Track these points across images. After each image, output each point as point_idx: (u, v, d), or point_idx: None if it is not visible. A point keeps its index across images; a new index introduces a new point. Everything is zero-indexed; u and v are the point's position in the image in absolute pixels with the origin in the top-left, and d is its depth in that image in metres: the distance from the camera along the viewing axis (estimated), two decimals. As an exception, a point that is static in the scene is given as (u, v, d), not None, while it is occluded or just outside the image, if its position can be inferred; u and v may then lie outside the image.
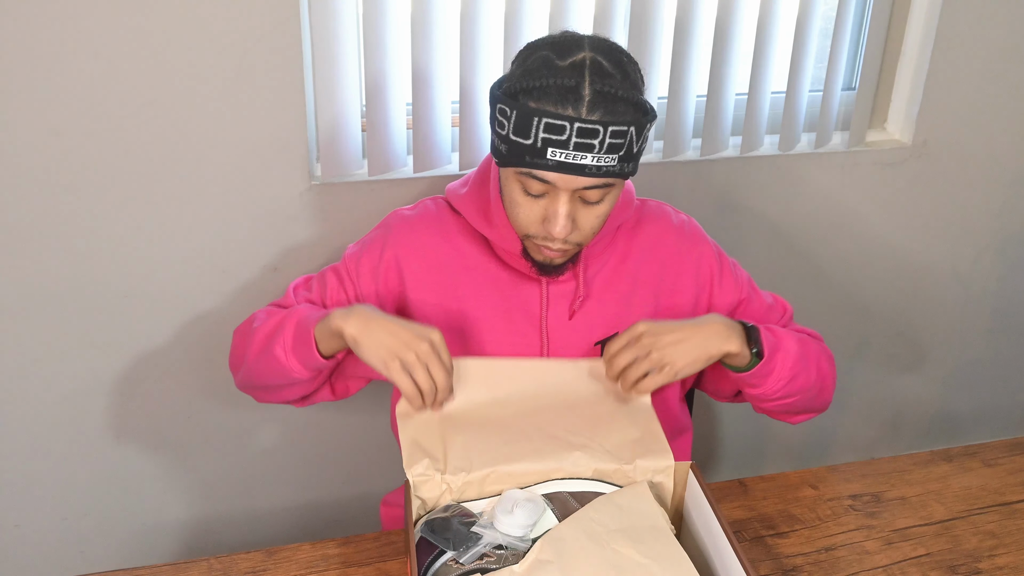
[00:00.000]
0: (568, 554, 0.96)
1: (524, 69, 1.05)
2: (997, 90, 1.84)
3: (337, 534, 1.22)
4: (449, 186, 1.27)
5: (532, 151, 1.03)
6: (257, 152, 1.47)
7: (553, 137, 1.01)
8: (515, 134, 1.03)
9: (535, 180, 1.06)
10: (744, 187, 1.77)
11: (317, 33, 1.40)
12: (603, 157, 1.02)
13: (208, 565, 1.15)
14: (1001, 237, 2.00)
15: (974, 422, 2.23)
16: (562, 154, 1.02)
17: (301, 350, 1.12)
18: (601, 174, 1.04)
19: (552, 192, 1.07)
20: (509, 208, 1.13)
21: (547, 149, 1.02)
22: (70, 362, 1.53)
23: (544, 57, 1.04)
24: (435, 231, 1.24)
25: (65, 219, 1.43)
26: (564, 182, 1.04)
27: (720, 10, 1.60)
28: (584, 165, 1.02)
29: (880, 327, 2.02)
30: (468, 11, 1.46)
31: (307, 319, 1.13)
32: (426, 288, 1.23)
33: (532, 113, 1.01)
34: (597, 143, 1.01)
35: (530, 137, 1.02)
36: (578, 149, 1.01)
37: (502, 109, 1.05)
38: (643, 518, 1.01)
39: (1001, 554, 1.22)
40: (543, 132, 1.01)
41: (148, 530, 1.72)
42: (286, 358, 1.14)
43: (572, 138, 1.01)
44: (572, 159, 1.02)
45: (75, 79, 1.35)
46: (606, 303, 1.24)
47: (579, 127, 1.00)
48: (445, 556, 0.98)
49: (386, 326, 1.06)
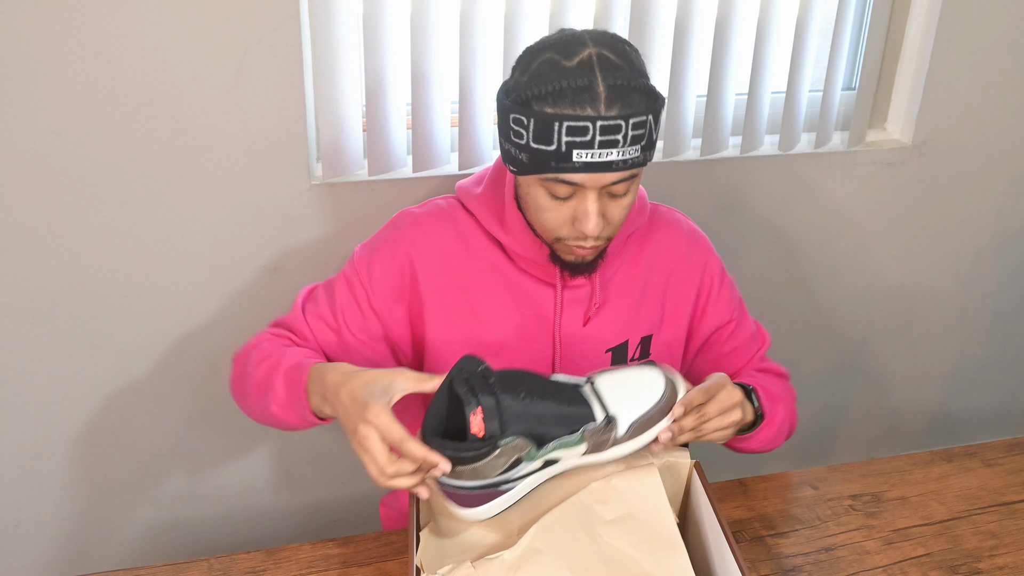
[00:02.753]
0: (561, 544, 0.96)
1: (531, 75, 1.04)
2: (997, 90, 1.84)
3: (337, 534, 1.22)
4: (461, 184, 1.24)
5: (557, 156, 1.02)
6: (257, 152, 1.47)
7: (577, 139, 1.00)
8: (536, 142, 1.02)
9: (562, 184, 1.05)
10: (744, 187, 1.77)
11: (317, 33, 1.40)
12: (627, 150, 1.02)
13: (208, 565, 1.15)
14: (1000, 237, 2.00)
15: (974, 422, 2.23)
16: (588, 154, 1.01)
17: (297, 410, 1.10)
18: (627, 167, 1.04)
19: (580, 192, 1.06)
20: (534, 214, 1.11)
21: (572, 152, 1.01)
22: (70, 362, 1.53)
23: (550, 60, 1.03)
24: (448, 231, 1.21)
25: (65, 219, 1.43)
26: (592, 181, 1.04)
27: (720, 10, 1.60)
28: (611, 162, 1.02)
29: (880, 327, 2.02)
30: (468, 11, 1.46)
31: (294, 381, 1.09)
32: (439, 289, 1.20)
33: (552, 119, 1.00)
34: (621, 138, 1.01)
35: (553, 143, 1.01)
36: (603, 147, 1.01)
37: (517, 119, 1.03)
38: (644, 505, 1.00)
39: (1001, 554, 1.22)
40: (566, 136, 1.00)
41: (148, 530, 1.72)
42: (284, 415, 1.12)
43: (596, 137, 1.00)
44: (599, 158, 1.01)
45: (75, 79, 1.35)
46: (618, 309, 1.23)
47: (602, 125, 1.00)
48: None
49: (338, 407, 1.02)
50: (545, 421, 0.96)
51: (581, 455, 1.00)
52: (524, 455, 0.95)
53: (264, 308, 1.58)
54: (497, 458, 0.94)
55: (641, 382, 1.02)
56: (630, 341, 1.23)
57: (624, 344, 1.23)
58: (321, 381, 1.04)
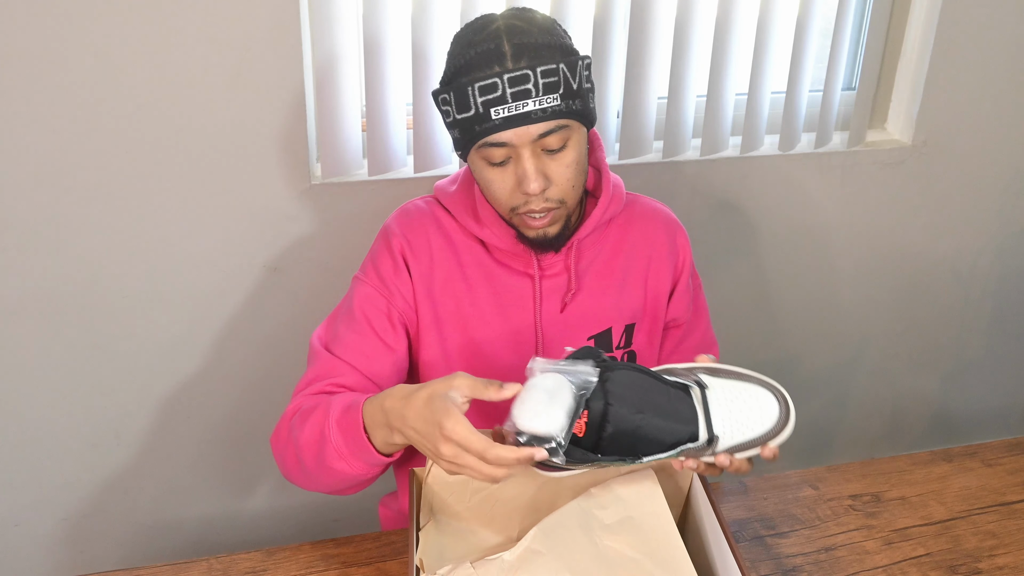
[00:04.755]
0: (560, 546, 0.96)
1: (449, 57, 1.10)
2: (997, 90, 1.84)
3: (337, 534, 1.22)
4: (437, 184, 1.27)
5: (478, 119, 1.06)
6: (257, 152, 1.47)
7: (490, 96, 1.04)
8: (459, 112, 1.07)
9: (492, 147, 1.08)
10: (744, 187, 1.77)
11: (317, 33, 1.40)
12: (543, 99, 1.05)
13: (208, 565, 1.15)
14: (1001, 237, 2.00)
15: (974, 422, 2.23)
16: (504, 109, 1.05)
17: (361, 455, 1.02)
18: (548, 116, 1.05)
19: (514, 153, 1.08)
20: (486, 191, 1.14)
21: (490, 111, 1.05)
22: (70, 362, 1.53)
23: (461, 37, 1.10)
24: (430, 228, 1.23)
25: (65, 219, 1.43)
26: (518, 137, 1.06)
27: (720, 10, 1.60)
28: (528, 113, 1.05)
29: (880, 327, 2.02)
30: (468, 11, 1.46)
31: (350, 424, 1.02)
32: (428, 283, 1.21)
33: (465, 85, 1.05)
34: (532, 87, 1.04)
35: (471, 107, 1.05)
36: (516, 99, 1.04)
37: (444, 99, 1.09)
38: (643, 509, 1.00)
39: (1001, 554, 1.22)
40: (480, 96, 1.05)
41: (148, 530, 1.72)
42: (348, 467, 1.04)
43: (507, 89, 1.04)
44: (515, 110, 1.05)
45: (75, 79, 1.35)
46: (598, 296, 1.24)
47: (509, 78, 1.04)
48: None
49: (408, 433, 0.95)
50: (650, 442, 0.92)
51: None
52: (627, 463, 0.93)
53: (264, 308, 1.58)
54: (601, 467, 0.93)
55: (754, 405, 0.95)
56: (613, 329, 1.24)
57: (608, 331, 1.24)
58: (380, 411, 0.98)
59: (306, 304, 1.60)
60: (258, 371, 1.63)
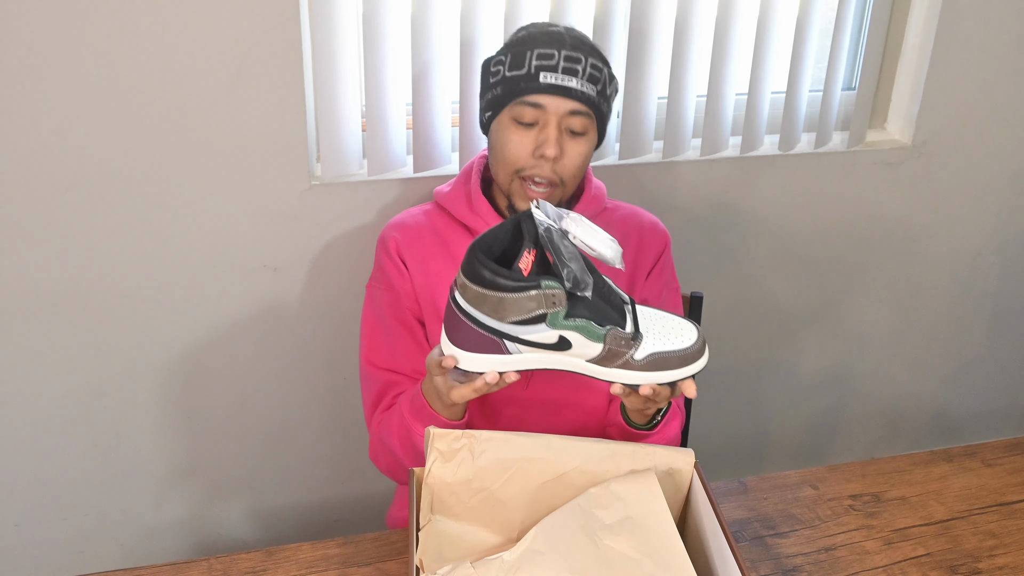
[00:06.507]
0: (560, 546, 0.96)
1: (510, 41, 1.25)
2: (997, 90, 1.84)
3: (337, 534, 1.22)
4: (436, 189, 1.36)
5: (527, 78, 1.18)
6: (257, 152, 1.47)
7: (544, 63, 1.18)
8: (511, 70, 1.20)
9: (528, 107, 1.19)
10: (744, 187, 1.77)
11: (317, 33, 1.41)
12: (585, 84, 1.19)
13: (208, 565, 1.15)
14: (1001, 237, 2.00)
15: (974, 422, 2.23)
16: (553, 77, 1.18)
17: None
18: (584, 99, 1.19)
19: (542, 119, 1.20)
20: (501, 150, 1.22)
21: (540, 74, 1.18)
22: (70, 362, 1.53)
23: (528, 27, 1.25)
24: (423, 225, 1.33)
25: (65, 219, 1.43)
26: (555, 105, 1.19)
27: (720, 10, 1.60)
28: (571, 88, 1.18)
29: (880, 327, 2.02)
30: (468, 11, 1.46)
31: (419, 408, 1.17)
32: (424, 275, 1.30)
33: (525, 49, 1.19)
34: (580, 69, 1.19)
35: (524, 67, 1.19)
36: (566, 73, 1.18)
37: (498, 61, 1.22)
38: (644, 508, 1.00)
39: (1001, 554, 1.22)
40: (536, 60, 1.18)
41: (148, 530, 1.72)
42: None
43: (560, 63, 1.18)
44: (562, 82, 1.18)
45: (76, 79, 1.35)
46: None
47: (566, 55, 1.18)
48: None
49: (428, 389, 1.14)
50: (585, 295, 0.95)
51: (590, 358, 0.99)
52: (551, 314, 0.94)
53: (264, 308, 1.58)
54: (528, 300, 0.93)
55: (674, 326, 1.02)
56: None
57: None
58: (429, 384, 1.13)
59: (306, 304, 1.60)
60: (258, 371, 1.63)
